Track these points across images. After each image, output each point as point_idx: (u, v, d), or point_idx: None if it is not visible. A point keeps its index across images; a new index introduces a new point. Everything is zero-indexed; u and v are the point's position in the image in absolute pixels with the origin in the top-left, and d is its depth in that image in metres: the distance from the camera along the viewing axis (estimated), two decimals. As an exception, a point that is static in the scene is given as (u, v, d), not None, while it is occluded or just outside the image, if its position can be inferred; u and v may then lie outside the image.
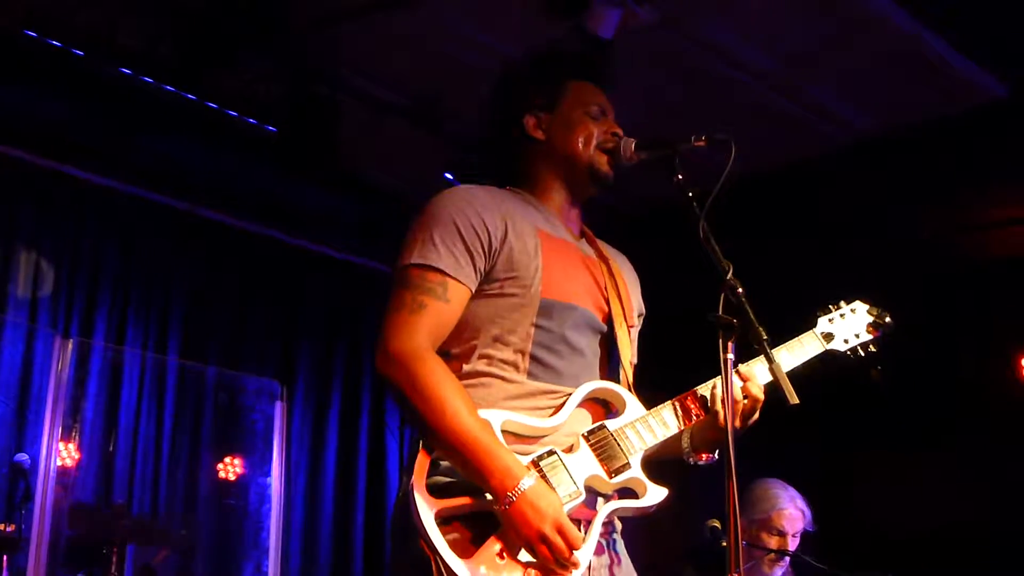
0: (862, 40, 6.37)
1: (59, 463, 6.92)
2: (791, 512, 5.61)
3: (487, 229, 3.04)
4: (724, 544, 5.26)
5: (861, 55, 6.50)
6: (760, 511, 5.65)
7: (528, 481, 2.78)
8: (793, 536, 5.57)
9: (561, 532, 2.76)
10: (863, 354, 3.48)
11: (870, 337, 3.49)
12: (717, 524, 5.42)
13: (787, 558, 5.55)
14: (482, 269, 3.04)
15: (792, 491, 5.69)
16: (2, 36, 6.28)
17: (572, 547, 2.77)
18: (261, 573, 7.83)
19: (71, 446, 7.08)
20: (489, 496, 2.80)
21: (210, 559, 7.81)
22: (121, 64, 6.52)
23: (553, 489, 2.85)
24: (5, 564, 5.83)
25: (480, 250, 3.02)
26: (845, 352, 3.46)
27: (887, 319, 3.49)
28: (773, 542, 5.55)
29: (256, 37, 6.43)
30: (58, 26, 6.28)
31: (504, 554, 2.78)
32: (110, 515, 6.30)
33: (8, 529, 5.92)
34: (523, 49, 3.49)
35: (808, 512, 5.68)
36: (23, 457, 6.20)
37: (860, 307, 3.52)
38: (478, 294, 3.05)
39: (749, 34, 6.41)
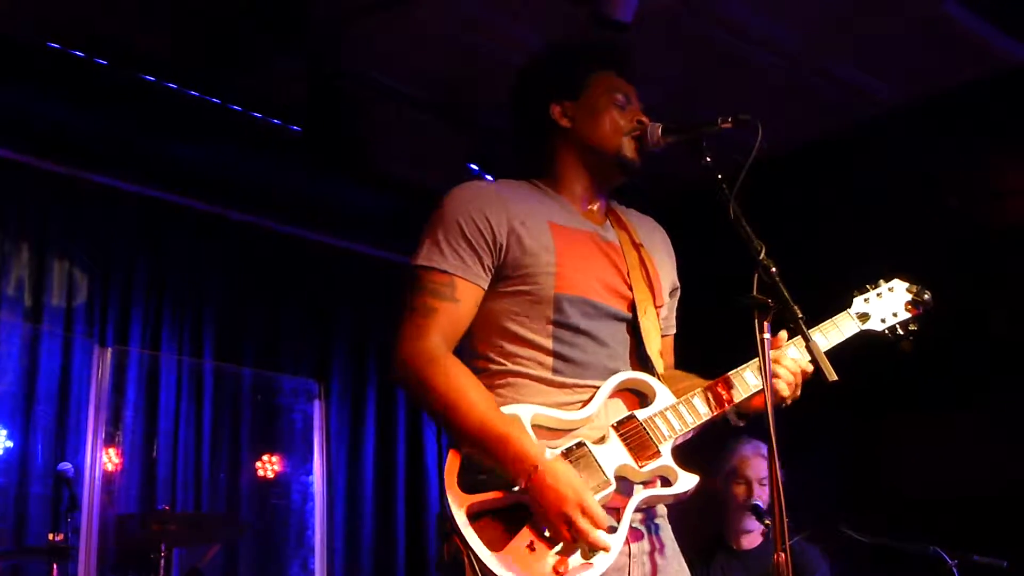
0: (883, 10, 6.34)
1: (103, 470, 6.98)
2: (754, 459, 5.64)
3: (490, 226, 3.06)
4: (767, 523, 5.36)
5: (882, 26, 6.46)
6: (726, 464, 5.70)
7: (544, 461, 2.79)
8: (760, 483, 5.58)
9: (585, 512, 2.76)
10: (902, 333, 3.43)
11: (909, 316, 3.44)
12: (759, 502, 5.46)
13: (755, 505, 5.54)
14: (490, 266, 3.06)
15: (757, 441, 5.69)
16: (26, 49, 6.33)
17: (597, 527, 2.77)
18: (308, 571, 7.87)
19: (112, 452, 7.14)
20: (516, 485, 2.82)
21: (256, 559, 7.84)
22: (144, 71, 6.56)
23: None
24: (56, 573, 5.87)
25: (485, 247, 3.05)
26: (883, 332, 3.43)
27: (927, 296, 3.44)
28: (741, 490, 5.61)
29: (277, 37, 6.45)
30: (80, 36, 6.33)
31: (534, 545, 2.79)
32: (156, 519, 6.33)
33: (57, 538, 5.96)
34: (544, 38, 3.51)
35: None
36: (66, 466, 6.22)
37: (899, 285, 3.47)
38: (494, 293, 3.08)
39: (769, 10, 6.38)
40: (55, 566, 5.91)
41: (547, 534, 2.80)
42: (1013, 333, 7.28)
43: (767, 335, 2.82)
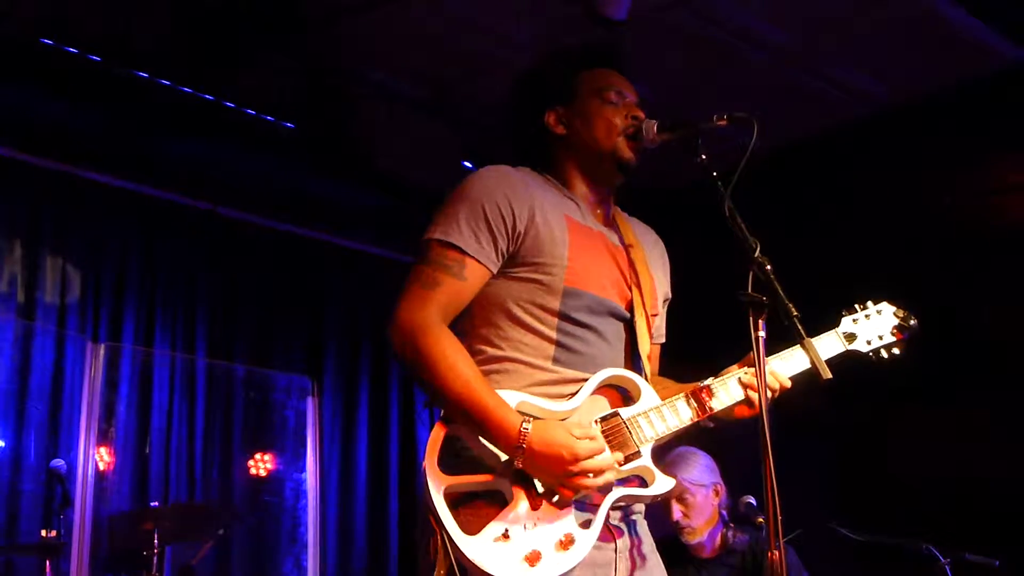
0: (880, 10, 6.35)
1: (95, 467, 6.97)
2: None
3: (512, 212, 3.06)
4: (760, 520, 5.35)
5: (879, 25, 6.47)
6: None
7: (527, 425, 2.82)
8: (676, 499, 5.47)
9: (587, 440, 2.83)
10: (885, 356, 3.43)
11: (894, 339, 3.43)
12: (752, 500, 5.46)
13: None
14: (504, 251, 3.06)
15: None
16: (19, 44, 6.32)
17: (596, 451, 2.84)
18: (301, 568, 7.87)
19: (104, 450, 7.13)
20: (503, 457, 2.85)
21: (249, 556, 7.83)
22: (138, 68, 6.55)
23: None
24: (48, 569, 5.87)
25: (504, 232, 3.05)
26: (867, 353, 3.42)
27: (913, 322, 3.44)
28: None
29: (270, 35, 6.45)
30: (74, 33, 6.32)
31: (509, 533, 2.80)
32: (148, 516, 6.33)
33: (49, 535, 5.96)
34: (538, 36, 3.49)
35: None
36: (59, 463, 6.21)
37: (886, 308, 3.47)
38: (504, 276, 3.09)
39: (766, 9, 6.38)
40: (48, 563, 5.91)
41: (552, 496, 2.84)
42: (1010, 332, 7.31)
43: (762, 333, 2.82)
